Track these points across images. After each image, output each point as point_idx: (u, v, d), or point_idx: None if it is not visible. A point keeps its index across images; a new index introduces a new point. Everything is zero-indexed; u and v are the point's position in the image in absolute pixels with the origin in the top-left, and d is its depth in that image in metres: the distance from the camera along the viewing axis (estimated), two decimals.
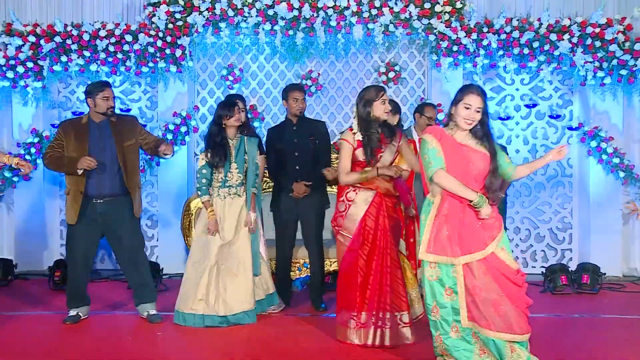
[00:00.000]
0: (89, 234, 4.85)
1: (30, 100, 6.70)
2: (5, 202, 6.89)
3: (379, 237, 4.24)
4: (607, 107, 6.59)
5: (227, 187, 4.83)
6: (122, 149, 4.82)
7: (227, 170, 4.81)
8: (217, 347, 4.33)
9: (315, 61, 6.88)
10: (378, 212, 4.26)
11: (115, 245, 4.97)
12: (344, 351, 4.16)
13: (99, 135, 4.83)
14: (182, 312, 4.74)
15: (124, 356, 4.14)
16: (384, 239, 4.24)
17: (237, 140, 4.88)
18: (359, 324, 4.20)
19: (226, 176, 4.81)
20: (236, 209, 4.83)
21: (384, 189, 4.29)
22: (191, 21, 6.50)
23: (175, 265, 6.61)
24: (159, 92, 6.79)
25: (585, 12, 6.60)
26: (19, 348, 4.28)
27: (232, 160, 4.82)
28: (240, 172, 4.84)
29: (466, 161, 3.53)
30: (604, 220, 6.56)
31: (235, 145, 4.86)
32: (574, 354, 4.10)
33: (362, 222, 4.25)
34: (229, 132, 4.85)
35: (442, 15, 6.41)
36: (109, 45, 6.51)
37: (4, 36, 6.58)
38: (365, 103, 4.28)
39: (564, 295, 5.79)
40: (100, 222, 4.83)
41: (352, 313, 4.23)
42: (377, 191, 4.27)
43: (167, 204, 6.75)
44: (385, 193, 4.30)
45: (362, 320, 4.20)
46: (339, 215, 4.36)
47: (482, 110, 3.53)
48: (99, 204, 4.79)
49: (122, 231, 4.88)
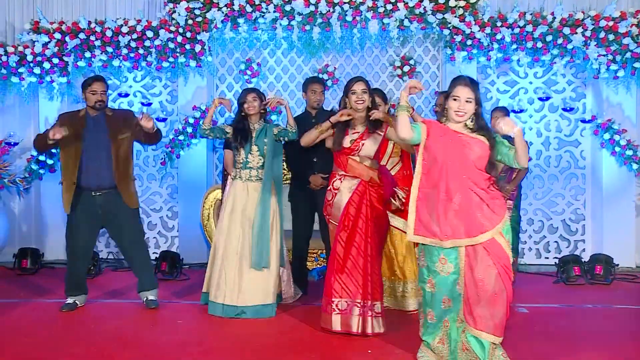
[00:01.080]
0: (89, 226, 4.90)
1: (55, 95, 6.82)
2: (33, 194, 7.01)
3: (359, 225, 4.23)
4: (620, 100, 6.55)
5: (248, 169, 4.89)
6: (116, 142, 4.86)
7: (248, 151, 4.88)
8: (234, 335, 4.38)
9: (331, 55, 6.90)
10: (360, 200, 4.27)
11: (116, 236, 5.05)
12: (353, 339, 4.17)
13: (94, 128, 4.85)
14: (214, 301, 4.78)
15: (147, 342, 4.21)
16: (365, 227, 4.23)
17: (259, 125, 4.96)
18: (339, 310, 4.20)
19: (247, 157, 4.88)
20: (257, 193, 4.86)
21: (368, 177, 4.31)
22: (210, 17, 6.54)
23: (195, 255, 6.70)
24: (179, 87, 6.86)
25: (598, 5, 6.55)
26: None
27: (253, 143, 4.88)
28: (261, 154, 4.90)
29: (461, 146, 3.47)
30: (617, 212, 6.54)
31: (257, 131, 4.93)
32: (587, 344, 4.09)
33: (345, 208, 4.28)
34: (252, 119, 4.93)
35: (456, 9, 6.40)
36: (130, 41, 6.58)
37: (32, 33, 6.68)
38: (344, 94, 4.43)
39: (577, 286, 5.78)
40: (100, 214, 4.88)
41: (332, 300, 4.22)
42: (360, 179, 4.31)
43: (187, 196, 6.82)
44: (369, 182, 4.32)
45: (340, 307, 4.20)
46: (327, 204, 4.43)
47: (473, 100, 3.47)
48: (98, 197, 4.84)
49: (121, 222, 4.93)
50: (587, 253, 6.63)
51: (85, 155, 4.81)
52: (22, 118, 7.00)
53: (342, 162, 4.39)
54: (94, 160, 4.80)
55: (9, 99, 6.92)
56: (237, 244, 4.79)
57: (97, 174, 4.82)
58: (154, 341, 4.21)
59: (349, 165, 4.36)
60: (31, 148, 6.71)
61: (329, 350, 4.00)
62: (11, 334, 4.35)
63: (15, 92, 6.85)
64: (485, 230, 3.41)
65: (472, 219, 3.42)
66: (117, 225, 4.95)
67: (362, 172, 4.33)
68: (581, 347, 4.01)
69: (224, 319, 4.69)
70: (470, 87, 3.48)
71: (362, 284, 4.18)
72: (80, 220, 4.85)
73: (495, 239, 3.43)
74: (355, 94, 4.32)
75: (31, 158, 6.77)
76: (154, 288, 5.06)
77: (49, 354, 3.93)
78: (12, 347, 4.06)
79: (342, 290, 4.20)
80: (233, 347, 4.08)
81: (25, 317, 4.78)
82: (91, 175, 4.81)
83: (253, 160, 4.89)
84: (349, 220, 4.26)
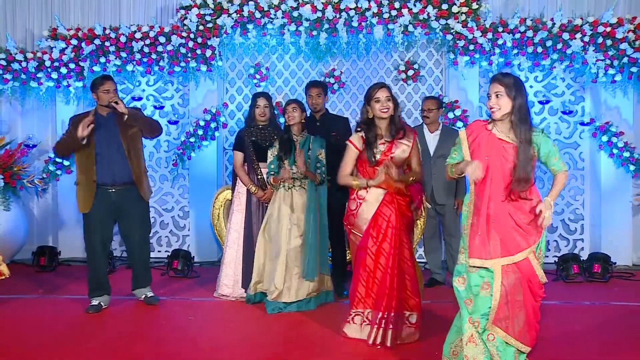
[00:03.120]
0: (105, 222, 4.91)
1: (72, 99, 6.90)
2: (50, 194, 7.09)
3: (389, 235, 4.03)
4: (617, 103, 6.56)
5: (292, 179, 4.93)
6: (127, 138, 4.88)
7: (292, 163, 4.92)
8: (244, 330, 4.44)
9: (337, 60, 6.93)
10: (389, 210, 4.07)
11: (126, 231, 5.03)
12: (353, 341, 4.16)
13: (105, 127, 4.86)
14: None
15: (159, 337, 4.28)
16: (395, 237, 4.03)
17: (302, 137, 5.02)
18: (365, 320, 4.09)
19: (291, 168, 4.92)
20: (300, 200, 4.91)
21: (395, 189, 4.09)
22: (220, 23, 6.59)
23: (206, 253, 6.77)
24: (190, 90, 6.91)
25: (596, 11, 6.56)
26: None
27: (297, 155, 4.93)
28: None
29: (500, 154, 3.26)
30: (615, 212, 6.55)
31: (301, 142, 4.99)
32: (584, 340, 4.12)
33: (372, 220, 4.07)
34: (294, 130, 5.00)
35: (459, 15, 6.42)
36: (143, 47, 6.64)
37: (50, 40, 6.76)
38: (365, 102, 4.16)
39: (576, 284, 5.79)
40: (114, 209, 4.90)
41: (359, 309, 4.11)
42: (388, 189, 4.09)
43: (198, 196, 6.87)
44: (396, 192, 4.10)
45: (368, 317, 4.09)
46: (350, 213, 4.19)
47: (512, 95, 3.20)
48: (113, 193, 4.86)
49: (133, 217, 4.96)
50: (586, 252, 6.64)
51: (99, 153, 4.83)
52: (40, 121, 7.08)
53: (369, 172, 4.16)
54: (108, 157, 4.83)
55: (28, 103, 7.00)
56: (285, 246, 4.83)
57: (112, 171, 4.84)
58: (165, 336, 4.27)
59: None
60: (49, 150, 6.80)
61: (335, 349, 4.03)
62: (30, 328, 4.43)
63: (34, 96, 6.93)
64: (519, 250, 3.21)
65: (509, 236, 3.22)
66: (129, 221, 4.97)
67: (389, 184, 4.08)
68: (579, 343, 4.04)
69: (233, 315, 4.75)
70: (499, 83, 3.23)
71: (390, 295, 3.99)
72: (97, 217, 4.85)
73: (528, 259, 3.24)
74: (380, 101, 4.06)
75: (49, 159, 6.86)
76: (149, 284, 5.10)
77: (65, 348, 4.00)
78: (32, 339, 4.14)
79: (370, 300, 4.07)
80: (243, 343, 4.13)
81: (43, 312, 4.86)
82: (106, 172, 4.83)
83: (297, 172, 4.93)
84: (378, 231, 4.05)
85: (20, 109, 6.98)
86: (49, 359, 3.80)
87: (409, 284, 4.10)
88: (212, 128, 6.76)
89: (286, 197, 4.92)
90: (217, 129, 6.82)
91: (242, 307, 5.00)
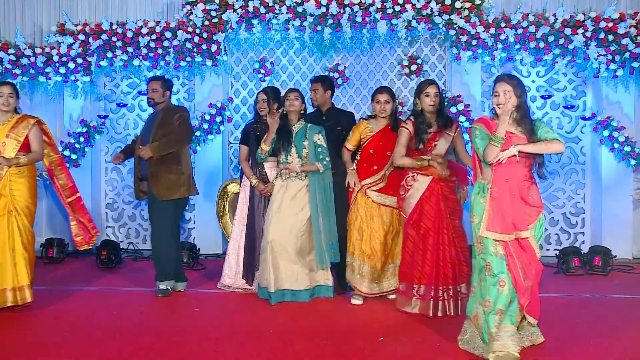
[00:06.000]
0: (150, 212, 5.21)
1: (79, 93, 6.87)
2: None
3: (434, 218, 4.42)
4: (619, 98, 6.49)
5: (287, 169, 4.89)
6: (154, 138, 4.98)
7: (288, 153, 4.88)
8: (248, 321, 4.42)
9: (341, 55, 6.88)
10: (433, 196, 4.45)
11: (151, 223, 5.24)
12: (361, 329, 4.20)
13: (149, 123, 5.16)
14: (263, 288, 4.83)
15: (165, 328, 4.26)
16: (440, 219, 4.43)
17: (298, 126, 4.94)
18: (418, 295, 4.42)
19: (286, 159, 4.88)
20: (294, 191, 4.85)
21: (439, 175, 4.46)
22: (226, 18, 6.54)
23: (211, 246, 6.73)
24: (196, 85, 6.87)
25: (598, 7, 6.49)
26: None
27: (292, 144, 4.87)
28: (300, 156, 4.87)
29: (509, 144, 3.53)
30: (615, 206, 6.50)
31: (297, 131, 4.92)
32: (585, 332, 4.09)
33: (417, 205, 4.46)
34: (292, 118, 4.94)
35: (462, 11, 6.36)
36: (150, 42, 6.60)
37: (58, 35, 6.73)
38: (415, 96, 4.59)
39: (577, 277, 5.76)
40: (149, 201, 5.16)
41: (413, 285, 4.45)
42: (433, 176, 4.46)
43: (203, 189, 6.82)
44: (441, 179, 4.47)
45: (420, 292, 4.42)
46: (399, 198, 4.61)
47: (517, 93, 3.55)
48: (146, 185, 5.09)
49: (154, 211, 5.09)
50: (587, 245, 6.60)
51: (138, 147, 5.06)
52: (49, 115, 7.01)
53: (414, 156, 4.53)
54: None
55: (36, 97, 6.98)
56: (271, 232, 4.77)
57: (143, 166, 5.03)
58: (171, 327, 4.25)
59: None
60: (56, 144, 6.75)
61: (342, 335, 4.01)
62: (38, 318, 4.42)
63: (42, 91, 6.92)
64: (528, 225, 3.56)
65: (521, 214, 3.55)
66: (152, 213, 5.14)
67: (434, 171, 4.46)
68: (580, 335, 4.01)
69: (237, 306, 4.73)
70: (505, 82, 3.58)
71: (441, 271, 4.40)
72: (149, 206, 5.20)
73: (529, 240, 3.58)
74: (429, 96, 4.52)
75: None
76: (163, 280, 5.07)
77: (75, 337, 3.99)
78: (39, 328, 4.13)
79: (423, 278, 4.41)
80: (248, 333, 4.10)
81: (51, 302, 4.84)
82: (141, 166, 5.07)
83: (292, 162, 4.88)
84: (426, 217, 4.43)
85: (29, 103, 6.94)
86: (59, 348, 3.79)
87: (458, 260, 4.46)
88: (218, 122, 6.73)
89: (282, 188, 4.88)
90: (222, 123, 6.78)
91: (247, 298, 4.97)
